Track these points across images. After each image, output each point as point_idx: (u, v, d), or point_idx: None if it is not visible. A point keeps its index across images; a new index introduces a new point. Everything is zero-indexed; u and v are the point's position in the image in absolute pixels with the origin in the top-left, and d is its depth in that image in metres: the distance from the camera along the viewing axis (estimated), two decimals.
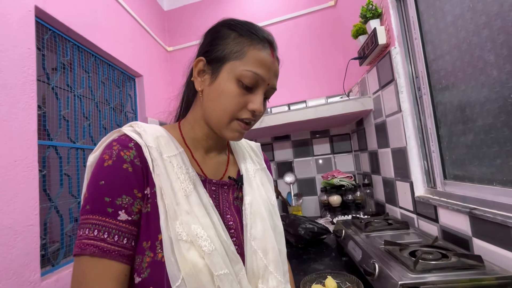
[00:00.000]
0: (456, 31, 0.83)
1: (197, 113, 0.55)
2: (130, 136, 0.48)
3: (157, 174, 0.46)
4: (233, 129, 0.51)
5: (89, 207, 0.42)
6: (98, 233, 0.40)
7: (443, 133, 0.96)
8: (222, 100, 0.49)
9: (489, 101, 0.74)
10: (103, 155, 0.45)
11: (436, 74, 0.96)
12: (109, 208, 0.42)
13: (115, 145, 0.46)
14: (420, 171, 1.09)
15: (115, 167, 0.44)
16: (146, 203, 0.45)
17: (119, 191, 0.43)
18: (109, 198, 0.42)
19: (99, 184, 0.43)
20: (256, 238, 0.50)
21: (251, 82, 0.48)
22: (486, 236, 0.74)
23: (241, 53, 0.48)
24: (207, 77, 0.51)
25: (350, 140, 1.94)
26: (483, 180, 0.80)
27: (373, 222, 1.16)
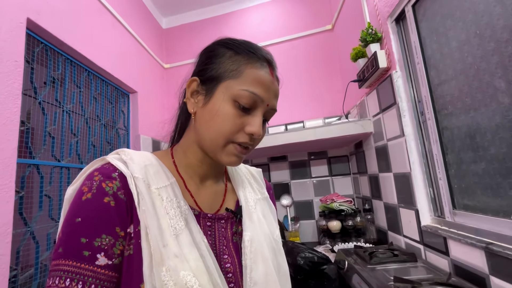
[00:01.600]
0: (463, 57, 0.82)
1: (190, 137, 0.50)
2: (114, 165, 0.42)
3: (143, 210, 0.40)
4: (229, 153, 0.46)
5: (62, 249, 0.35)
6: (71, 283, 0.34)
7: (450, 160, 0.92)
8: (217, 121, 0.44)
9: (502, 129, 0.71)
10: (82, 187, 0.39)
11: (442, 99, 0.93)
12: (86, 251, 0.35)
13: (96, 175, 0.40)
14: (426, 198, 1.04)
15: (95, 201, 0.38)
16: (129, 244, 0.39)
17: (98, 229, 0.37)
18: (86, 238, 0.36)
19: (74, 222, 0.36)
20: (257, 283, 0.43)
21: (248, 103, 0.44)
22: (505, 275, 0.68)
23: (237, 72, 0.44)
24: (201, 98, 0.47)
25: (349, 162, 1.90)
26: (499, 212, 0.74)
27: (378, 253, 1.09)
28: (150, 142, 1.93)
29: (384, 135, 1.29)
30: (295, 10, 2.16)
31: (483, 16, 0.73)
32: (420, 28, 1.01)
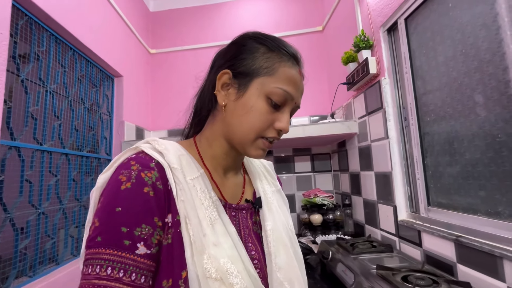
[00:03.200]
0: (448, 71, 0.91)
1: (216, 129, 0.50)
2: (150, 154, 0.42)
3: (182, 200, 0.41)
4: (258, 147, 0.48)
5: (101, 238, 0.35)
6: (112, 271, 0.34)
7: (429, 162, 1.03)
8: (250, 116, 0.46)
9: (478, 138, 0.81)
10: (118, 176, 0.39)
11: (425, 107, 1.03)
12: (126, 240, 0.36)
13: (134, 165, 0.40)
14: (404, 196, 1.15)
15: (135, 191, 0.38)
16: (167, 234, 0.39)
17: (138, 219, 0.37)
18: (126, 228, 0.36)
19: (114, 211, 0.36)
20: (281, 268, 0.47)
21: (280, 100, 0.46)
22: (471, 263, 0.80)
23: (271, 69, 0.46)
24: (233, 91, 0.47)
25: (330, 160, 2.01)
26: (468, 210, 0.86)
27: (358, 244, 1.18)
28: (134, 129, 1.87)
29: (368, 136, 1.39)
30: (288, 8, 2.20)
31: (470, 37, 0.82)
32: (410, 40, 1.10)
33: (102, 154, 1.60)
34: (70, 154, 1.31)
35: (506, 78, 0.72)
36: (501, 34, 0.73)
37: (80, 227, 1.36)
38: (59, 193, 1.22)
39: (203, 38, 2.23)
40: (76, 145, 1.38)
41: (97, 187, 0.41)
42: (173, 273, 0.37)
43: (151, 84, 2.24)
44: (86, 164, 1.44)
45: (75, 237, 1.33)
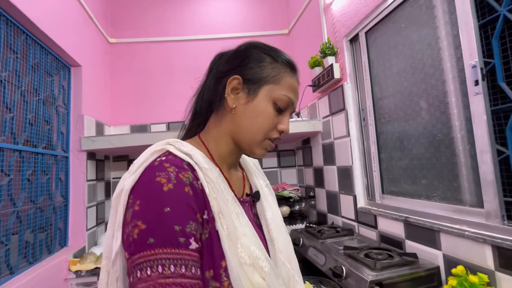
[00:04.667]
0: (400, 80, 1.09)
1: (223, 129, 0.53)
2: (179, 156, 0.45)
3: (214, 197, 0.44)
4: (263, 147, 0.53)
5: (154, 240, 0.36)
6: (176, 268, 0.35)
7: (383, 157, 1.22)
8: (260, 119, 0.50)
9: (422, 137, 1.00)
10: (155, 178, 0.40)
11: (381, 110, 1.21)
12: (181, 238, 0.37)
13: (169, 167, 0.42)
14: (362, 186, 1.33)
15: (178, 191, 0.40)
16: (206, 228, 0.42)
17: (186, 217, 0.39)
18: (179, 226, 0.38)
19: (163, 212, 0.38)
20: (282, 251, 0.54)
21: (284, 105, 0.52)
22: (416, 238, 0.98)
23: (277, 78, 0.51)
24: (243, 96, 0.51)
25: (295, 156, 2.15)
26: (414, 195, 1.05)
27: (325, 230, 1.33)
28: (94, 124, 1.74)
29: (331, 134, 1.55)
30: (256, 9, 2.26)
31: (418, 54, 1.00)
32: (370, 51, 1.27)
33: (58, 151, 1.46)
34: (23, 150, 1.18)
35: (444, 89, 0.91)
36: (441, 54, 0.92)
37: (37, 231, 1.24)
38: (12, 195, 1.10)
39: (171, 31, 2.16)
40: (31, 141, 1.24)
41: (125, 190, 0.41)
42: (214, 263, 0.40)
43: (110, 76, 2.09)
44: (42, 162, 1.31)
45: (31, 242, 1.20)
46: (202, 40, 2.15)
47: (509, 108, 0.75)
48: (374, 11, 1.16)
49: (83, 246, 1.49)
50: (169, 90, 2.10)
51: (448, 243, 0.86)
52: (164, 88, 2.11)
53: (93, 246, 1.57)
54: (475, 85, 0.79)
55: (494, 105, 0.78)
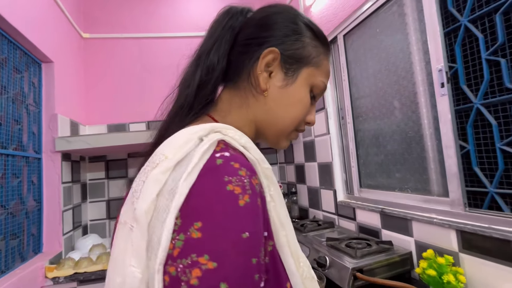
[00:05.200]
0: (376, 81, 1.17)
1: (250, 113, 0.42)
2: (239, 150, 0.33)
3: (274, 206, 0.33)
4: (290, 138, 0.45)
5: (228, 285, 0.24)
6: None
7: (361, 153, 1.30)
8: (297, 109, 0.41)
9: (395, 134, 1.09)
10: (226, 186, 0.27)
11: (358, 109, 1.29)
12: (257, 275, 0.27)
13: (240, 169, 0.29)
14: (341, 181, 1.41)
15: (254, 207, 0.28)
16: (266, 249, 0.31)
17: (261, 243, 0.28)
18: (256, 258, 0.27)
19: (241, 239, 0.26)
20: None
21: (319, 94, 0.44)
22: (391, 226, 1.07)
23: (318, 60, 0.42)
24: (279, 75, 0.41)
25: (276, 154, 2.20)
26: (388, 188, 1.14)
27: (307, 224, 1.39)
28: (68, 123, 1.65)
29: (312, 132, 1.62)
30: None
31: (391, 57, 1.08)
32: (347, 53, 1.34)
33: (30, 152, 1.38)
34: None
35: (414, 90, 1.00)
36: (411, 58, 1.00)
37: (8, 238, 1.16)
38: None
39: (150, 27, 2.11)
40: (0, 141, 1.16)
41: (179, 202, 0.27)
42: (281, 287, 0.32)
43: (84, 73, 2.00)
44: (13, 164, 1.23)
45: (2, 250, 1.13)
46: (184, 38, 2.12)
47: (469, 107, 0.85)
48: (352, 15, 1.23)
49: (60, 252, 1.43)
50: (148, 88, 2.05)
51: (418, 230, 0.95)
52: (143, 86, 2.05)
53: (70, 251, 1.50)
54: (441, 87, 0.88)
55: (457, 105, 0.88)
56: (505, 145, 0.77)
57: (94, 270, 1.32)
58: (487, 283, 0.74)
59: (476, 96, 0.83)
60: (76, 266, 1.32)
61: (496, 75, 0.78)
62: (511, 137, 0.75)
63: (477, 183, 0.84)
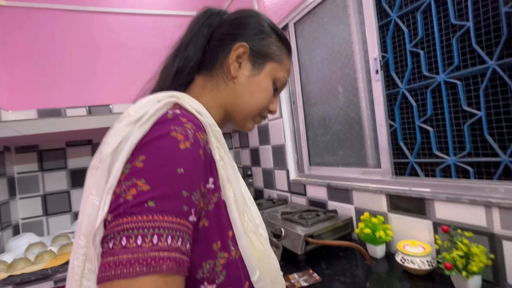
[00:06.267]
0: (323, 68, 1.28)
1: (220, 97, 0.48)
2: (191, 112, 0.39)
3: (222, 165, 0.39)
4: (255, 121, 0.52)
5: (154, 204, 0.30)
6: (173, 241, 0.29)
7: (310, 134, 1.42)
8: (261, 96, 0.49)
9: (339, 116, 1.22)
10: (171, 133, 0.33)
11: (308, 94, 1.40)
12: (186, 206, 0.32)
13: (186, 122, 0.35)
14: (293, 161, 1.52)
15: (194, 152, 0.34)
16: (210, 199, 0.37)
17: (195, 183, 0.34)
18: (187, 192, 0.32)
19: (176, 173, 0.31)
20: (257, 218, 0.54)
21: (280, 87, 0.51)
22: (336, 197, 1.21)
23: (280, 58, 0.50)
24: (247, 67, 0.48)
25: (231, 139, 2.23)
26: (334, 164, 1.28)
27: (263, 202, 1.48)
28: None
29: None
30: None
31: (336, 46, 1.20)
32: (298, 40, 1.42)
33: None
34: None
35: (355, 77, 1.12)
36: (353, 47, 1.12)
37: None
38: None
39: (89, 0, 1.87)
40: None
41: (131, 142, 0.32)
42: (222, 235, 0.37)
43: (4, 48, 1.69)
44: None
45: None
46: (128, 15, 1.94)
47: (397, 92, 1.00)
48: (301, 4, 1.30)
49: None
50: (89, 69, 1.84)
51: (357, 198, 1.10)
52: (82, 66, 1.83)
53: (1, 253, 1.32)
54: (376, 74, 1.01)
55: (388, 90, 1.03)
56: (421, 123, 0.94)
57: (33, 270, 1.19)
58: (408, 233, 0.92)
59: (402, 82, 0.98)
60: (10, 268, 1.17)
61: (417, 64, 0.94)
62: (426, 116, 0.92)
63: (401, 155, 1.01)
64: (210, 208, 0.37)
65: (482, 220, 0.73)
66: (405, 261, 0.82)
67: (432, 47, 0.89)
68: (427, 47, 0.90)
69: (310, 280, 0.85)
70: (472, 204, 0.74)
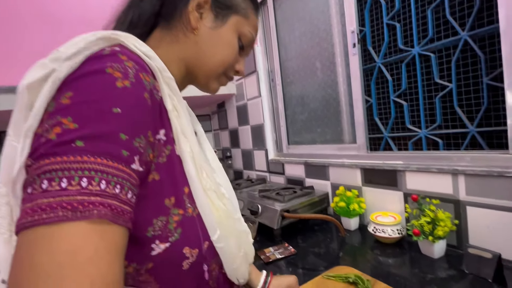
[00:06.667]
0: (301, 43, 1.25)
1: (179, 50, 0.44)
2: (137, 53, 0.33)
3: (176, 116, 0.36)
4: (220, 82, 0.48)
5: (84, 143, 0.25)
6: (108, 186, 0.25)
7: (289, 113, 1.40)
8: (226, 50, 0.44)
9: (317, 93, 1.20)
10: (106, 69, 0.28)
11: (286, 71, 1.37)
12: (125, 151, 0.27)
13: (126, 60, 0.30)
14: (272, 140, 1.51)
15: (135, 93, 0.29)
16: (162, 151, 0.34)
17: (138, 128, 0.29)
18: (126, 135, 0.28)
19: (111, 112, 0.27)
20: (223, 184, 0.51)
21: (247, 43, 0.47)
22: (312, 174, 1.22)
23: (246, 12, 0.46)
24: (209, 17, 0.43)
25: (210, 121, 2.18)
26: (311, 142, 1.28)
27: (241, 182, 1.46)
28: None
29: (245, 96, 1.65)
30: None
31: (314, 20, 1.16)
32: (276, 15, 1.37)
33: None
34: None
35: (333, 51, 1.11)
36: (331, 20, 1.09)
37: None
38: None
39: None
40: None
41: (56, 76, 0.28)
42: (176, 190, 0.34)
43: None
44: None
45: None
46: None
47: (373, 66, 1.00)
48: None
49: None
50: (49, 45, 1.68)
51: (334, 174, 1.11)
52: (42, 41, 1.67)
53: None
54: (353, 47, 1.00)
55: (364, 65, 1.02)
56: (396, 97, 0.94)
57: None
58: (380, 205, 0.95)
59: (378, 56, 0.97)
60: None
61: (393, 38, 0.93)
62: (400, 90, 0.93)
63: (376, 131, 1.02)
64: (161, 161, 0.33)
65: (448, 188, 0.75)
66: (376, 230, 0.84)
67: (408, 20, 0.88)
68: (403, 19, 0.90)
69: (285, 252, 0.86)
70: (440, 173, 0.77)
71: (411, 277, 0.66)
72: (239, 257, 0.41)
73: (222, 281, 0.40)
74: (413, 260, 0.74)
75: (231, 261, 0.39)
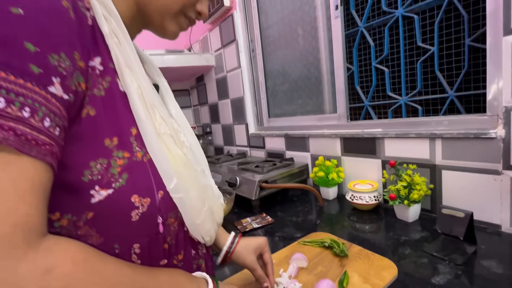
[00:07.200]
0: (282, 9, 1.17)
1: None
2: None
3: (117, 43, 0.31)
4: (178, 23, 0.41)
5: None
6: (8, 106, 0.21)
7: (269, 84, 1.35)
8: None
9: (299, 61, 1.15)
10: None
11: (267, 39, 1.29)
12: (35, 66, 0.22)
13: None
14: (253, 114, 1.46)
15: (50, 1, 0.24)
16: (99, 83, 0.29)
17: (55, 42, 0.24)
18: (35, 47, 0.23)
19: (8, 10, 0.22)
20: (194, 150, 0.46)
21: None
22: (293, 146, 1.19)
23: None
24: None
25: (189, 96, 2.08)
26: (292, 114, 1.24)
27: (221, 157, 1.42)
28: None
29: (224, 67, 1.56)
30: None
31: None
32: None
33: None
34: None
35: (314, 15, 1.04)
36: None
37: None
38: None
39: None
40: None
41: None
42: (120, 130, 0.30)
43: None
44: None
45: None
46: None
47: (355, 31, 0.95)
48: None
49: None
50: None
51: (314, 145, 1.09)
52: None
53: None
54: (336, 10, 0.94)
55: (347, 30, 0.97)
56: (378, 63, 0.91)
57: None
58: (359, 174, 0.94)
59: (361, 20, 0.93)
60: None
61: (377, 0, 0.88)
62: (382, 55, 0.90)
63: (357, 100, 1.00)
64: (97, 93, 0.29)
65: (425, 153, 0.75)
66: (354, 198, 0.84)
67: None
68: None
69: (263, 222, 0.84)
70: (418, 138, 0.76)
71: (385, 240, 0.66)
72: (202, 212, 0.37)
73: (183, 238, 0.36)
74: (388, 224, 0.74)
75: (194, 215, 0.36)
